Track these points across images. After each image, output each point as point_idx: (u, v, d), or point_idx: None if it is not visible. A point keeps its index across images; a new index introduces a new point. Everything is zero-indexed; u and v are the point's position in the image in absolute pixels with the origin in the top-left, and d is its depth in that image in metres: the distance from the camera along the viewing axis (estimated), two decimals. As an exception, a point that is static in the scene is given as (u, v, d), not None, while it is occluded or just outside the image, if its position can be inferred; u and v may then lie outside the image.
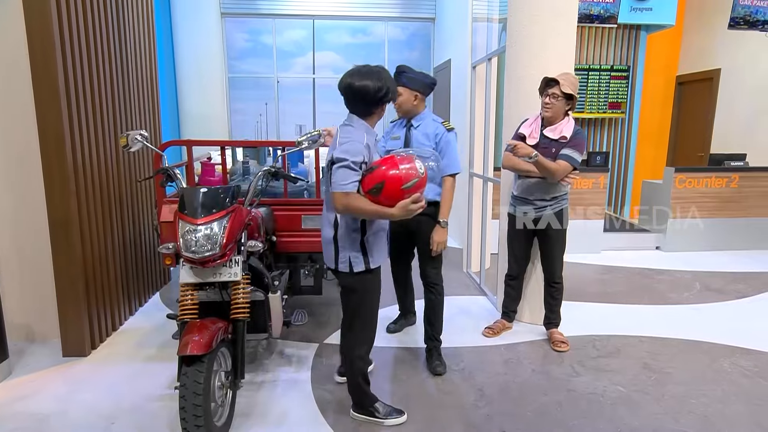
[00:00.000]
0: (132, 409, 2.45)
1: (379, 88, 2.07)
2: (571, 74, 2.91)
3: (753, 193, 5.50)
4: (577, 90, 2.89)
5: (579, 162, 2.89)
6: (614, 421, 2.39)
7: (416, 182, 2.03)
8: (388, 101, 2.17)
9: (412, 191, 2.02)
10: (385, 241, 2.30)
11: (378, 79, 2.07)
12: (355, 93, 2.09)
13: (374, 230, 2.21)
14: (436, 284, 2.89)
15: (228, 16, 7.01)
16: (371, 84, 2.06)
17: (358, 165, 2.02)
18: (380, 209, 2.03)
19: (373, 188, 2.02)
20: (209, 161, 3.57)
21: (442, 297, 2.91)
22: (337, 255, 2.19)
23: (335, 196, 2.03)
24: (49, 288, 2.99)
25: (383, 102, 2.14)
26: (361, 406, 2.39)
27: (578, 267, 4.91)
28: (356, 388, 2.36)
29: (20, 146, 2.91)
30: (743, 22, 5.82)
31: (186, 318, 2.19)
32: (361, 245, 2.18)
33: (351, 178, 2.01)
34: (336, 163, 2.03)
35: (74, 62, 2.87)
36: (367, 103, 2.11)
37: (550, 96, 2.86)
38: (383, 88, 2.08)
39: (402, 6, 7.15)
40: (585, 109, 6.85)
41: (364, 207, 2.03)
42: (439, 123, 2.81)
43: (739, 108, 6.52)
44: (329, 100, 7.44)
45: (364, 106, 2.13)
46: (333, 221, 2.19)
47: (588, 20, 5.94)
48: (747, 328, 3.49)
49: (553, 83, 2.85)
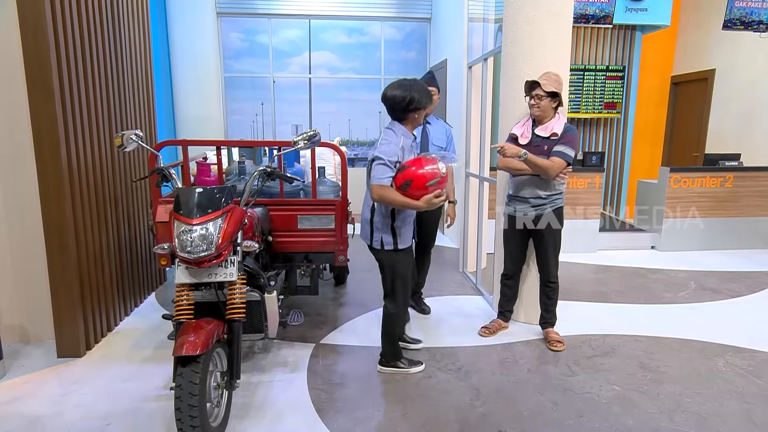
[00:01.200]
0: (127, 410, 2.44)
1: (404, 97, 2.47)
2: (552, 72, 2.97)
3: (747, 193, 5.53)
4: (561, 85, 2.96)
5: (572, 157, 2.93)
6: (609, 420, 2.40)
7: (438, 180, 2.44)
8: (415, 110, 2.52)
9: (435, 188, 2.43)
10: (411, 227, 2.71)
11: (406, 89, 2.48)
12: (387, 102, 2.53)
13: (402, 218, 2.62)
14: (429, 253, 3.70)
15: (224, 15, 7.00)
16: (399, 94, 2.48)
17: (393, 164, 2.46)
18: (408, 201, 2.46)
19: (403, 184, 2.44)
20: (205, 161, 3.56)
21: (430, 261, 3.73)
22: (372, 234, 2.66)
23: (373, 188, 2.48)
24: (43, 289, 2.98)
25: (410, 110, 2.51)
26: (386, 360, 2.84)
27: (574, 266, 4.93)
28: (387, 341, 2.81)
29: (14, 146, 2.89)
30: (739, 22, 5.85)
31: (181, 318, 2.18)
32: (392, 229, 2.62)
33: (386, 174, 2.46)
34: (375, 160, 2.47)
35: (69, 62, 2.85)
36: (397, 110, 2.53)
37: (534, 97, 2.96)
38: (407, 98, 2.46)
39: (398, 6, 7.16)
40: (580, 109, 6.88)
41: (395, 198, 2.46)
42: (443, 121, 3.53)
43: (734, 108, 6.55)
44: (325, 99, 7.44)
45: (397, 113, 2.54)
46: (371, 206, 2.65)
47: (583, 20, 5.96)
48: (741, 327, 3.51)
49: (536, 85, 2.94)
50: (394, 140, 2.51)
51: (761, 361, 3.02)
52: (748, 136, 6.33)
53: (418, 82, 2.54)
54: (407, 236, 2.68)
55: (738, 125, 6.50)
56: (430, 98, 2.59)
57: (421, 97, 2.50)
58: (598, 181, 5.34)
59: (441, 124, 3.54)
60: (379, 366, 2.86)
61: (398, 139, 2.52)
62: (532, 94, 2.97)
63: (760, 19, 5.86)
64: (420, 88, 2.51)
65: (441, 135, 3.48)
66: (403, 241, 2.66)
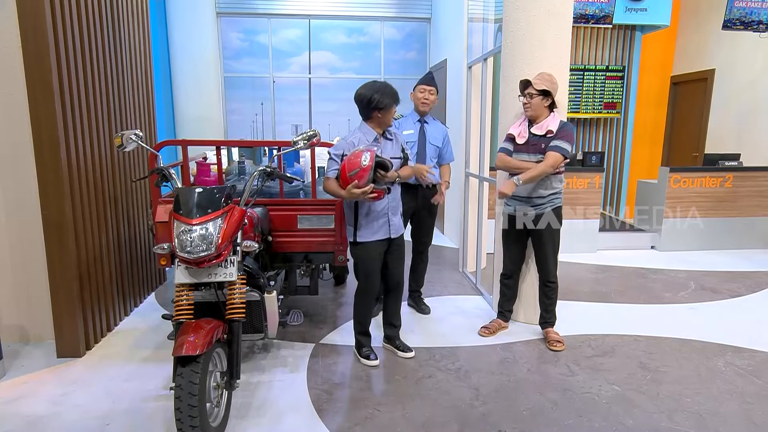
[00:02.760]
0: (127, 410, 2.44)
1: (365, 96, 2.63)
2: (545, 72, 3.01)
3: (747, 193, 5.53)
4: (554, 85, 2.98)
5: (568, 151, 2.97)
6: (609, 420, 2.40)
7: (358, 171, 2.47)
8: (377, 109, 2.65)
9: (354, 178, 2.48)
10: (378, 223, 2.78)
11: (369, 89, 2.64)
12: (355, 100, 2.71)
13: (365, 213, 2.74)
14: (425, 252, 3.73)
15: (223, 15, 7.00)
16: (362, 93, 2.66)
17: (338, 157, 2.63)
18: (338, 191, 2.60)
19: (337, 175, 2.60)
20: (204, 161, 3.56)
21: (427, 259, 3.78)
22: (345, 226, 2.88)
23: (323, 180, 2.70)
24: (43, 289, 2.98)
25: (372, 109, 2.65)
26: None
27: (574, 266, 4.93)
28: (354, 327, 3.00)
29: (14, 146, 2.89)
30: (739, 23, 5.85)
31: (181, 318, 2.18)
32: (354, 222, 2.77)
33: (332, 167, 2.65)
34: (329, 155, 2.69)
35: (69, 62, 2.85)
36: (361, 108, 2.71)
37: (526, 96, 3.01)
38: (368, 97, 2.62)
39: (398, 6, 7.16)
40: (580, 109, 6.88)
41: (332, 188, 2.63)
42: (440, 122, 3.61)
43: (734, 108, 6.55)
44: (325, 99, 7.44)
45: (361, 111, 2.72)
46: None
47: (583, 20, 5.96)
48: (741, 327, 3.51)
49: (529, 83, 2.99)
50: (350, 136, 2.71)
51: (761, 361, 3.02)
52: (748, 136, 6.33)
53: (386, 85, 2.68)
54: (368, 231, 2.77)
55: (738, 125, 6.50)
56: (394, 100, 2.68)
57: (382, 97, 2.61)
58: (598, 181, 5.34)
59: (438, 124, 3.59)
60: None
61: (355, 135, 2.70)
62: (524, 92, 3.02)
63: (759, 19, 5.86)
64: (384, 90, 2.64)
65: (438, 135, 3.54)
66: (362, 236, 2.77)
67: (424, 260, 3.76)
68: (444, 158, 3.59)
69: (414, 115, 3.55)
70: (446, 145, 3.57)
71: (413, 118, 3.53)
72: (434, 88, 3.46)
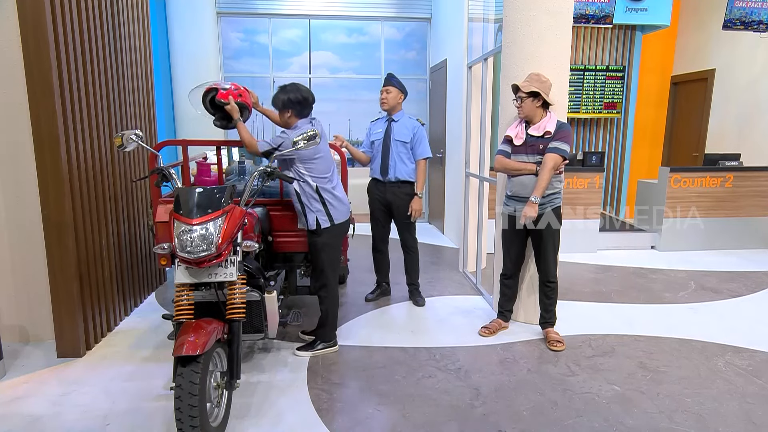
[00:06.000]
0: (127, 410, 2.44)
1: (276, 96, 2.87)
2: (534, 73, 3.04)
3: (747, 193, 5.53)
4: (545, 85, 2.99)
5: (567, 152, 2.98)
6: (609, 420, 2.40)
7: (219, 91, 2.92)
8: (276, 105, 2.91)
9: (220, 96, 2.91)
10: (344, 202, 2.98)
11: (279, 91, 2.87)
12: (296, 102, 2.87)
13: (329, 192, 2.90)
14: (413, 248, 3.84)
15: (223, 15, 6.99)
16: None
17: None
18: (249, 138, 2.87)
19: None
20: (205, 161, 3.56)
21: (417, 255, 3.89)
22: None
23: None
24: (43, 288, 2.98)
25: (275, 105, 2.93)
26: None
27: (574, 266, 4.93)
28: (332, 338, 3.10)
29: (14, 146, 2.89)
30: (739, 22, 5.85)
31: (181, 318, 2.18)
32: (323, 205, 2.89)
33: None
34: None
35: (69, 61, 2.85)
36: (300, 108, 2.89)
37: (517, 99, 3.06)
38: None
39: (398, 6, 7.15)
40: (580, 109, 6.88)
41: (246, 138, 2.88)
42: (415, 120, 3.70)
43: (734, 108, 6.55)
44: (325, 99, 7.42)
45: (301, 111, 2.90)
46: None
47: (583, 20, 5.96)
48: (741, 327, 3.51)
49: (518, 88, 3.03)
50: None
51: (761, 361, 3.02)
52: (748, 136, 6.33)
53: (281, 87, 2.88)
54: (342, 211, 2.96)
55: (738, 125, 6.50)
56: (280, 102, 2.86)
57: (276, 99, 2.87)
58: (598, 181, 5.34)
59: (409, 121, 3.68)
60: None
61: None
62: (516, 96, 3.07)
63: (759, 19, 5.86)
64: (281, 90, 2.85)
65: (405, 131, 3.63)
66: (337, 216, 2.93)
67: (413, 256, 3.88)
68: (416, 154, 3.66)
69: (383, 117, 3.80)
70: (419, 141, 3.64)
71: (384, 117, 3.76)
72: (392, 86, 3.62)
